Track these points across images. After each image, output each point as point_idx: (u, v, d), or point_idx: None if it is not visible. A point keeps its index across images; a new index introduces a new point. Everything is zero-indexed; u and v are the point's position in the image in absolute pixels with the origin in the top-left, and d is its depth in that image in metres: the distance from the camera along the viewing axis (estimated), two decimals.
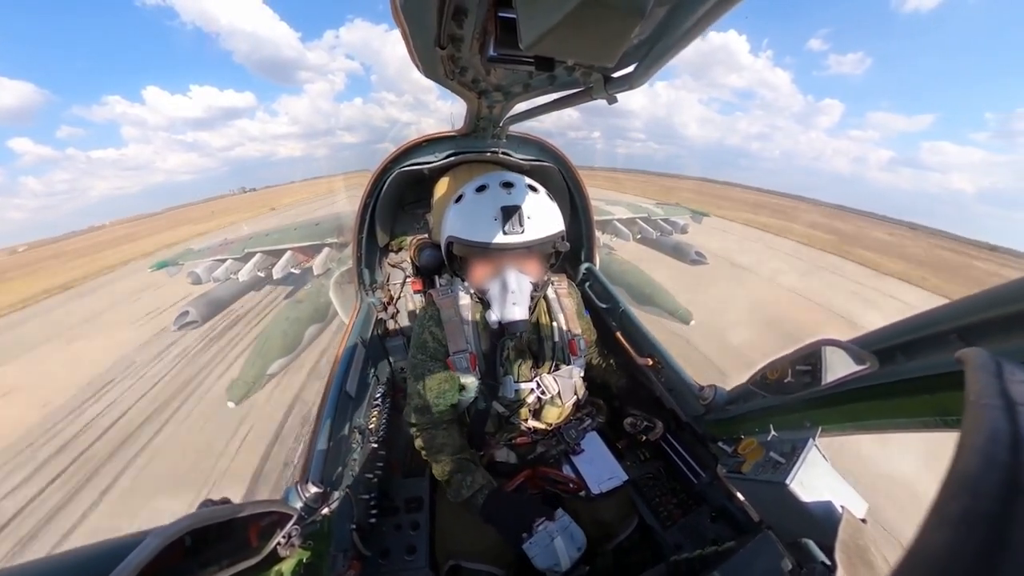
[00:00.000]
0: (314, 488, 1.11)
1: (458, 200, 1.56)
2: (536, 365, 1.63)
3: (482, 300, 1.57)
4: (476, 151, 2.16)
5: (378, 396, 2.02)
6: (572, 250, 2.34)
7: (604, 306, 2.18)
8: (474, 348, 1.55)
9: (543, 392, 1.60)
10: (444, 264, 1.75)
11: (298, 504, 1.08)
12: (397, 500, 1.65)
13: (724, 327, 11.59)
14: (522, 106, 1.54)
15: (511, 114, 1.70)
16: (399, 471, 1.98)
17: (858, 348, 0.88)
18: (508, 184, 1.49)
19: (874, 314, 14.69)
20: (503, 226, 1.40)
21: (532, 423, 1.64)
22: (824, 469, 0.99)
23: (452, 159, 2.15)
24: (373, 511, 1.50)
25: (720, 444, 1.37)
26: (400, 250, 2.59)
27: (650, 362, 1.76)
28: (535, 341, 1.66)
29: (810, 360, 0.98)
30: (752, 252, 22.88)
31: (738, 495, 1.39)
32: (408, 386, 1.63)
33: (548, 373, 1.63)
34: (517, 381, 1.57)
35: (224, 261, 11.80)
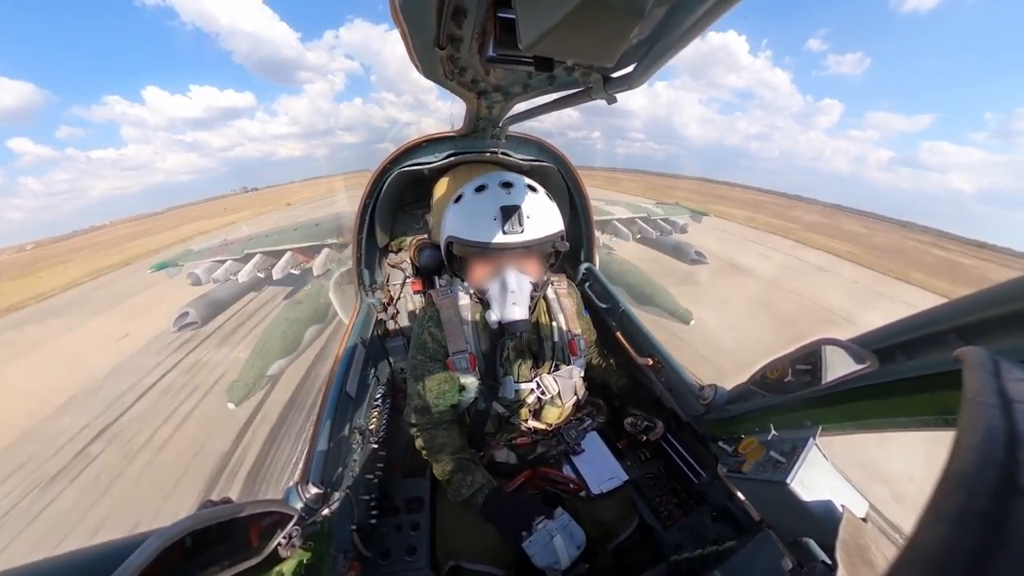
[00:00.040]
0: (315, 489, 1.11)
1: (457, 200, 1.56)
2: (536, 365, 1.63)
3: (482, 300, 1.57)
4: (476, 151, 2.15)
5: (378, 397, 2.02)
6: (572, 250, 2.34)
7: (604, 306, 2.18)
8: (474, 348, 1.55)
9: (543, 392, 1.59)
10: (444, 264, 1.74)
11: (299, 505, 1.08)
12: (397, 501, 1.64)
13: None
14: (521, 106, 1.54)
15: (510, 114, 1.69)
16: (399, 472, 1.97)
17: (858, 347, 0.88)
18: (507, 184, 1.49)
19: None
20: (503, 226, 1.40)
21: (532, 423, 1.64)
22: (824, 468, 0.99)
23: (452, 159, 2.14)
24: (373, 512, 1.50)
25: (720, 444, 1.36)
26: (400, 250, 2.58)
27: (650, 362, 1.75)
28: (535, 341, 1.66)
29: (810, 359, 0.98)
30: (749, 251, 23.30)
31: (739, 495, 1.39)
32: (408, 386, 1.62)
33: (548, 373, 1.62)
34: (517, 381, 1.57)
35: (224, 262, 11.82)
